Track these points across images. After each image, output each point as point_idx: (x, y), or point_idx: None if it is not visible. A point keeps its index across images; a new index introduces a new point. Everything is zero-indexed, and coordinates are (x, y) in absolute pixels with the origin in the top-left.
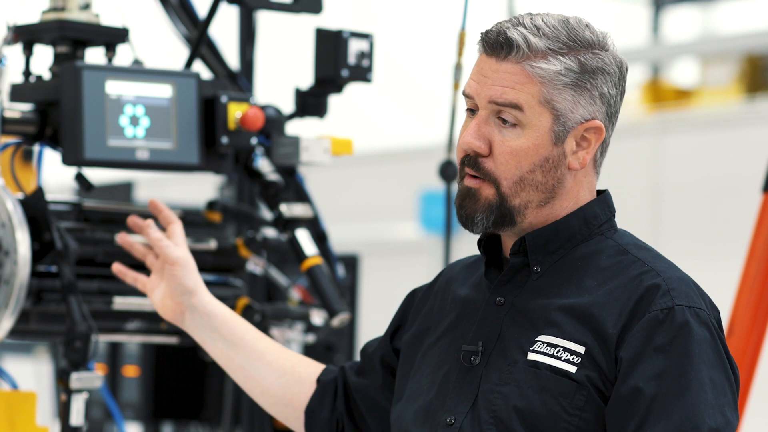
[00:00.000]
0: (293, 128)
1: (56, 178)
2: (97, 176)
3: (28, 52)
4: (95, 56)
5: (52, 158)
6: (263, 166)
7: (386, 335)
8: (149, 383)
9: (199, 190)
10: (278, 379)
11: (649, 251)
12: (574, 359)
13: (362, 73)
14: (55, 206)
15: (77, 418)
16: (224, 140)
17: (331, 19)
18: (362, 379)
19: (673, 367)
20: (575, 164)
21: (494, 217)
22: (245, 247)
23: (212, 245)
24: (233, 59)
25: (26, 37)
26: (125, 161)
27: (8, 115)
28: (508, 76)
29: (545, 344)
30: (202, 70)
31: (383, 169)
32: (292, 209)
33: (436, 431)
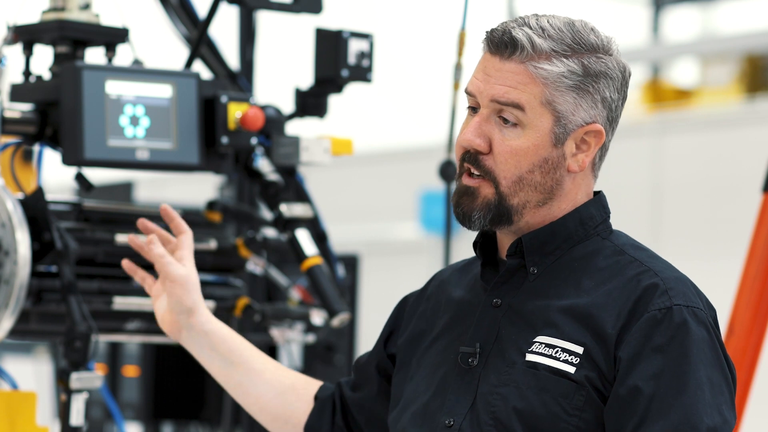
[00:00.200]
0: (293, 128)
1: (56, 178)
2: (97, 176)
3: (28, 52)
4: (95, 56)
5: (52, 158)
6: (263, 166)
7: (379, 342)
8: (149, 383)
9: (199, 190)
10: (276, 396)
11: (645, 251)
12: (572, 360)
13: (362, 73)
14: (55, 206)
15: (77, 418)
16: (224, 140)
17: (331, 19)
18: (358, 393)
19: (671, 366)
20: (574, 167)
21: (492, 215)
22: (245, 247)
23: (212, 245)
24: (233, 59)
25: (26, 37)
26: (125, 161)
27: (8, 115)
28: (511, 75)
29: (543, 345)
30: (202, 70)
31: (383, 169)
32: (292, 209)
33: None
